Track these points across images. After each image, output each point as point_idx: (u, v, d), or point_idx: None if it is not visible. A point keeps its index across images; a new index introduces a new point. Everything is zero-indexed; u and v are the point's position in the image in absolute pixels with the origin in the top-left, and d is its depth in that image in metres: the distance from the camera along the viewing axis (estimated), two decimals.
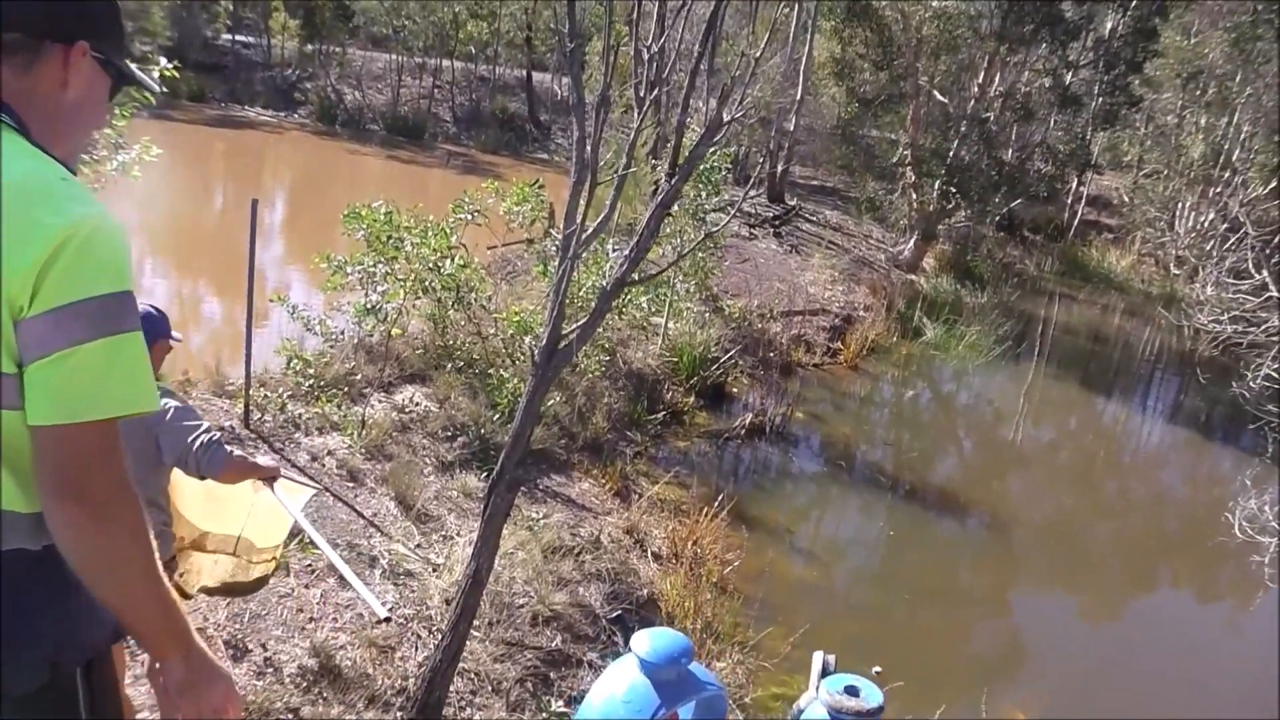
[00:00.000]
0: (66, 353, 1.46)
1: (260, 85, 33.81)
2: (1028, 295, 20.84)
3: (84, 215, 1.49)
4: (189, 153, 23.13)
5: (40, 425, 1.47)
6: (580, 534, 7.11)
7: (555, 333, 4.31)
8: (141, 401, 1.54)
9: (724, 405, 11.30)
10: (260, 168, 25.14)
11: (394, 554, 6.08)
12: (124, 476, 1.54)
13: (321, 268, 8.23)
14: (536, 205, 9.43)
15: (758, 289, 14.64)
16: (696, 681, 3.44)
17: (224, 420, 7.11)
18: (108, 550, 1.51)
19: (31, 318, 1.45)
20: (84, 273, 1.47)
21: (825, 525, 9.80)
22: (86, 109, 1.68)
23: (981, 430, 13.44)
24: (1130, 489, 12.32)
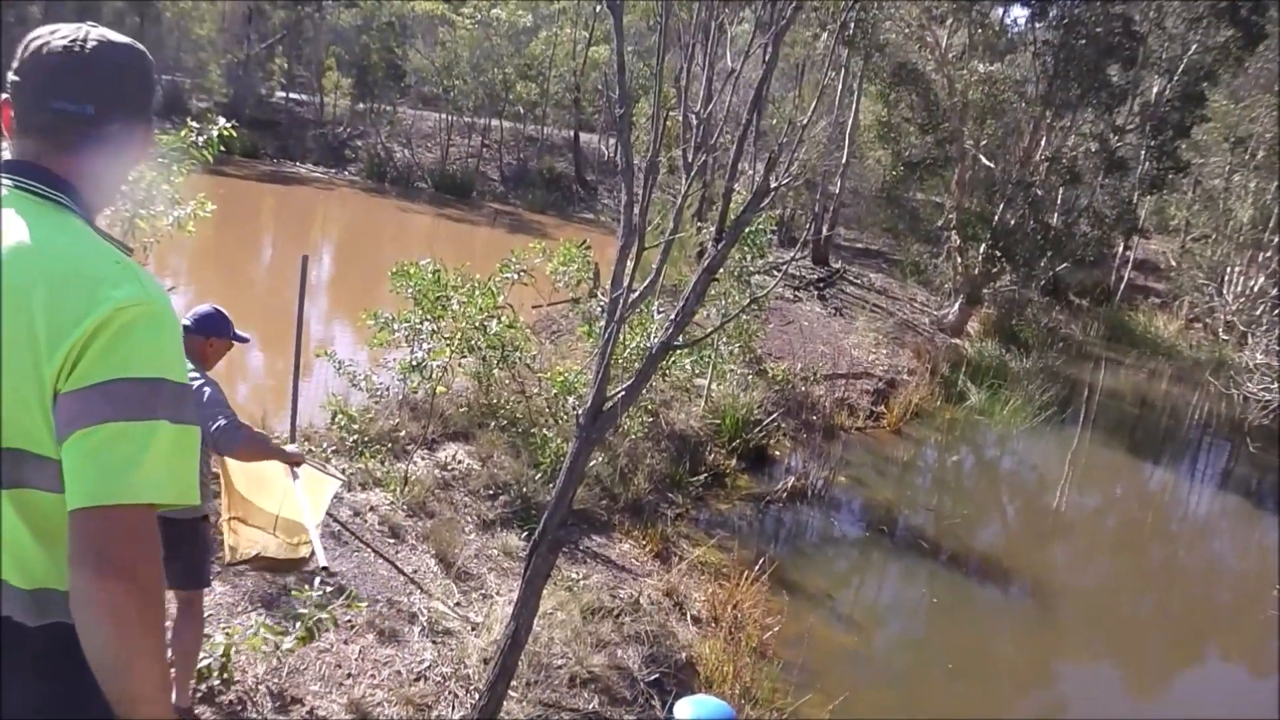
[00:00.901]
0: (91, 430, 1.47)
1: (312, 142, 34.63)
2: (1073, 360, 20.64)
3: (130, 298, 1.52)
4: (241, 208, 23.69)
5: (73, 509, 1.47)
6: (620, 595, 7.08)
7: (600, 395, 4.34)
8: (172, 493, 1.52)
9: (766, 468, 11.26)
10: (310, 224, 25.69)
11: (433, 611, 6.09)
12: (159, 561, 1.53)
13: (368, 324, 8.37)
14: (582, 265, 9.55)
15: (801, 352, 14.65)
16: None
17: None
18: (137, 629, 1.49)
19: (65, 394, 1.49)
20: (119, 354, 1.50)
21: (866, 591, 9.69)
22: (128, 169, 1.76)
23: (1025, 496, 13.26)
24: (1178, 558, 12.07)
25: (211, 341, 4.21)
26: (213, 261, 17.16)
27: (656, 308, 10.24)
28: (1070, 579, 10.37)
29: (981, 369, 16.42)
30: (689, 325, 7.71)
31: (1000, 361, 17.51)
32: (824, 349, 15.47)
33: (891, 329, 17.75)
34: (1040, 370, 17.30)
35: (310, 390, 8.44)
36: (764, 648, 7.10)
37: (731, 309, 11.19)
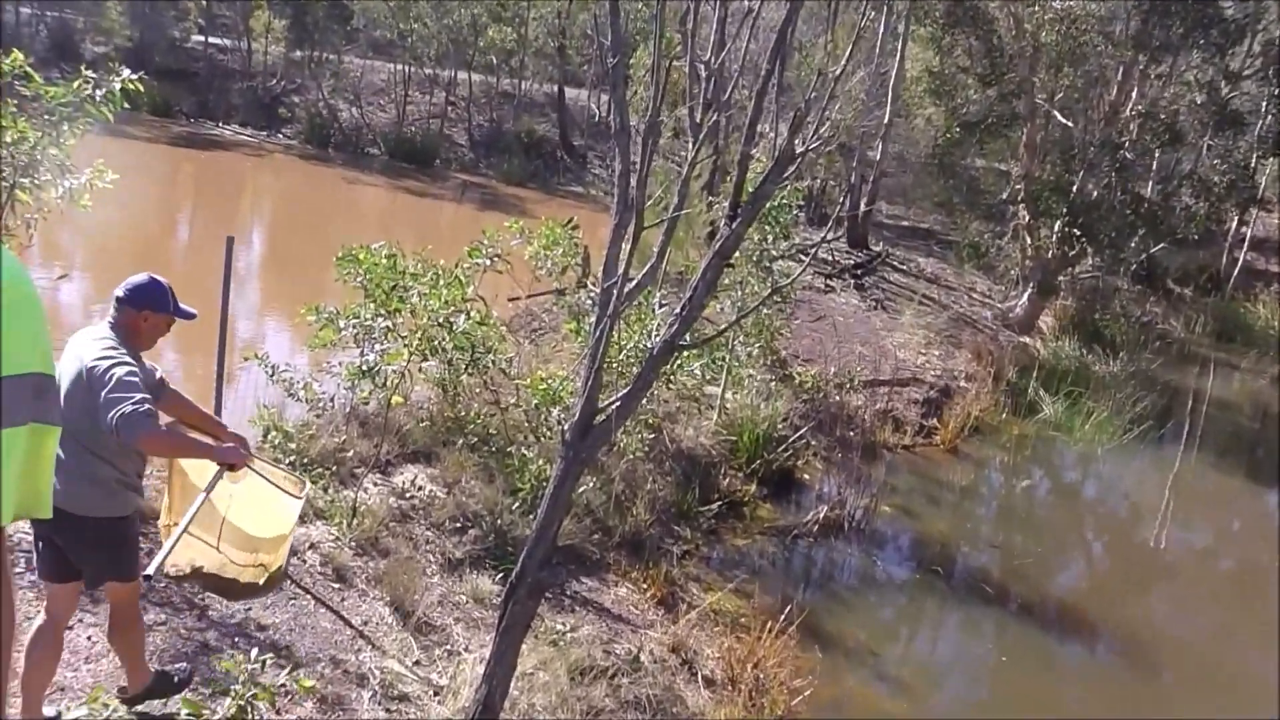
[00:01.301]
0: None
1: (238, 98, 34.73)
2: (1173, 363, 20.64)
3: None
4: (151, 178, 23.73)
5: None
6: (615, 651, 7.08)
7: (590, 406, 4.36)
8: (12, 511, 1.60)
9: (793, 495, 11.26)
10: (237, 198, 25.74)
11: (387, 672, 6.10)
12: None
13: (309, 321, 8.38)
14: (569, 249, 9.57)
15: (835, 353, 14.67)
16: None
17: None
18: None
19: None
20: None
21: (917, 646, 9.69)
22: None
23: (1114, 531, 13.27)
24: None
25: (146, 315, 4.44)
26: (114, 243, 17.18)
27: (658, 300, 10.27)
28: (1172, 632, 10.36)
29: (1057, 374, 16.43)
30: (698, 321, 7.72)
31: (1080, 365, 17.52)
32: (863, 349, 15.49)
33: (945, 325, 17.78)
34: (1131, 375, 17.31)
35: (237, 401, 8.46)
36: (792, 715, 7.10)
37: (749, 301, 11.21)
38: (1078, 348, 18.35)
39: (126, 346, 4.40)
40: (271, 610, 6.34)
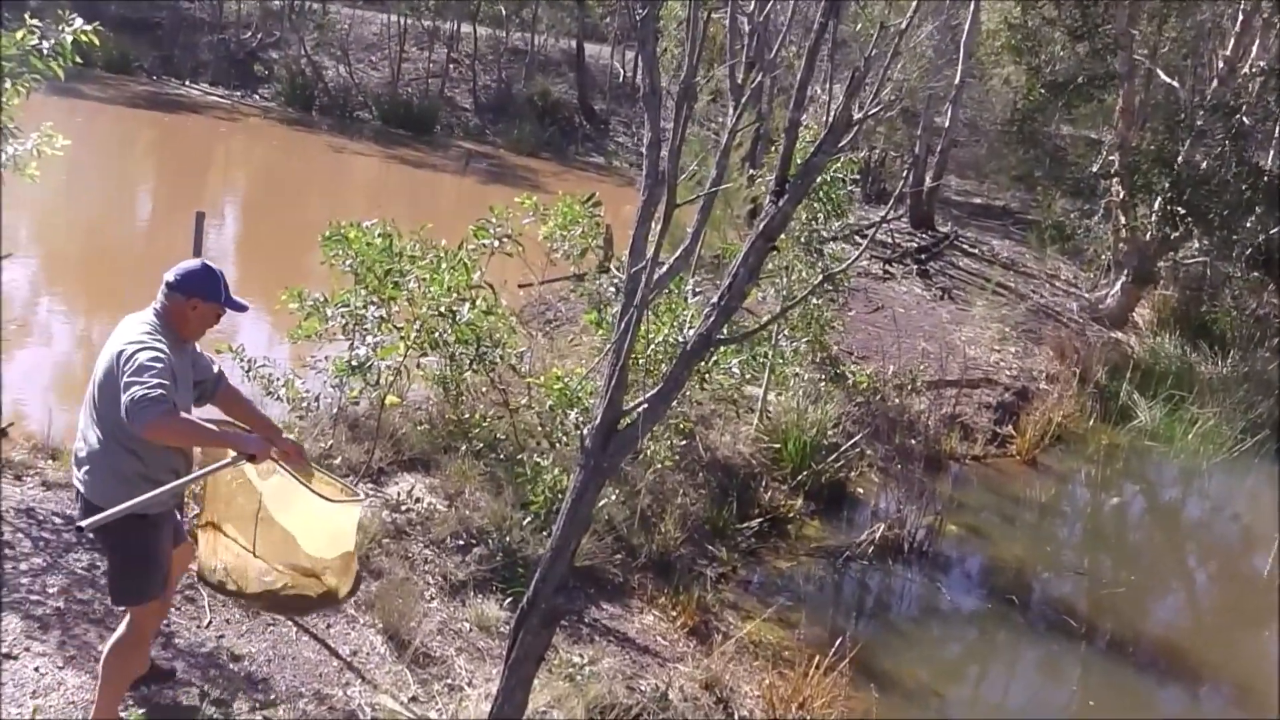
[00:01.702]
0: None
1: (207, 53, 34.89)
2: None
3: None
4: (108, 144, 23.90)
5: None
6: (640, 688, 7.14)
7: (614, 408, 4.42)
8: None
9: (844, 511, 11.30)
10: (207, 167, 25.87)
11: (379, 709, 6.18)
12: None
13: (290, 308, 8.47)
14: (590, 229, 9.63)
15: (895, 349, 14.70)
16: None
17: None
18: None
19: None
20: None
21: (989, 687, 9.71)
22: None
23: (1221, 558, 13.24)
24: None
25: (195, 304, 4.89)
26: (66, 218, 17.32)
27: (692, 288, 10.33)
28: None
29: (1155, 375, 16.39)
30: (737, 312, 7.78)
31: (1183, 365, 17.45)
32: (927, 345, 15.50)
33: (1023, 318, 17.76)
34: (1244, 378, 17.19)
35: None
36: None
37: (797, 289, 11.25)
38: (1180, 345, 18.26)
39: (169, 335, 4.83)
40: (247, 638, 6.45)
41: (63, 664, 5.77)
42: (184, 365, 4.94)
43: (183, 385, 4.90)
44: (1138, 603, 11.21)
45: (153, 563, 5.03)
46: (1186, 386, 16.03)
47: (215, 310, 5.03)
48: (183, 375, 4.91)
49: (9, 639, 5.86)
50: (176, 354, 4.83)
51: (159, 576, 5.09)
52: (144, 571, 5.00)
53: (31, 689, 5.56)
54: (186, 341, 5.03)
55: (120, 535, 4.87)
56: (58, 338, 12.80)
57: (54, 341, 12.67)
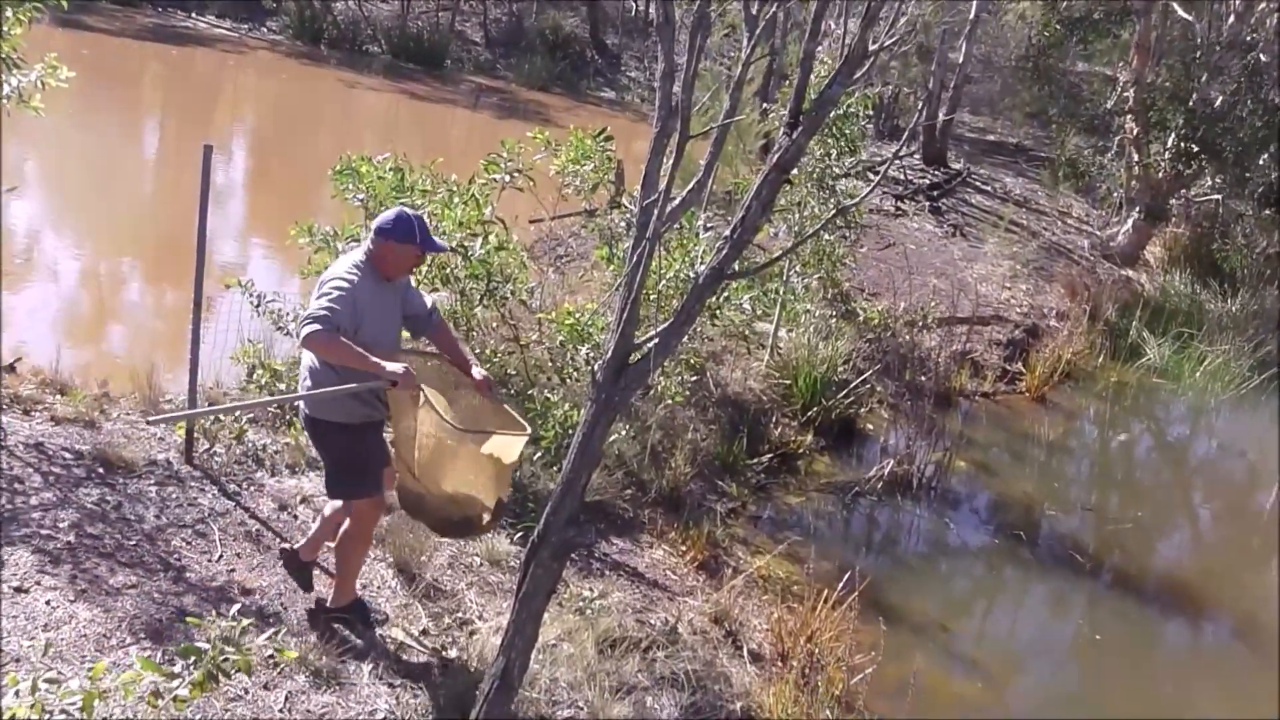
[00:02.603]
0: None
1: None
2: None
3: None
4: (113, 77, 23.72)
5: None
6: (650, 622, 7.17)
7: (625, 342, 4.39)
8: None
9: (854, 447, 11.29)
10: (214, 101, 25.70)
11: (391, 642, 6.21)
12: None
13: (300, 243, 8.42)
14: (602, 164, 9.54)
15: (906, 286, 14.62)
16: None
17: (157, 453, 7.32)
18: None
19: None
20: None
21: (996, 622, 9.74)
22: None
23: (1229, 495, 13.23)
24: None
25: (392, 245, 5.59)
26: (72, 152, 17.24)
27: (704, 223, 10.27)
28: None
29: (1165, 313, 16.32)
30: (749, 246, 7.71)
31: (1193, 302, 17.38)
32: (938, 282, 15.42)
33: (1034, 255, 17.65)
34: (1253, 315, 17.12)
35: (217, 335, 8.49)
36: (850, 697, 7.16)
37: (809, 224, 11.18)
38: (1190, 283, 18.18)
39: (371, 273, 5.62)
40: (258, 572, 6.47)
41: (74, 598, 5.78)
42: (386, 300, 5.73)
43: (380, 317, 5.68)
44: (1144, 539, 11.22)
45: (358, 464, 5.81)
46: (1196, 324, 15.98)
47: (413, 251, 5.70)
48: (381, 309, 5.68)
49: (20, 573, 5.87)
50: (377, 290, 5.63)
51: (367, 478, 5.84)
52: (351, 471, 5.82)
53: (43, 622, 5.57)
54: (391, 280, 5.74)
55: (329, 440, 5.84)
56: (64, 273, 12.73)
57: (60, 277, 12.60)
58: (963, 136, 26.20)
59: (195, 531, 6.66)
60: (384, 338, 5.68)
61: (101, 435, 7.33)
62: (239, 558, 6.54)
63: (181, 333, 7.93)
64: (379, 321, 5.66)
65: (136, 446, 7.30)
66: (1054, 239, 19.52)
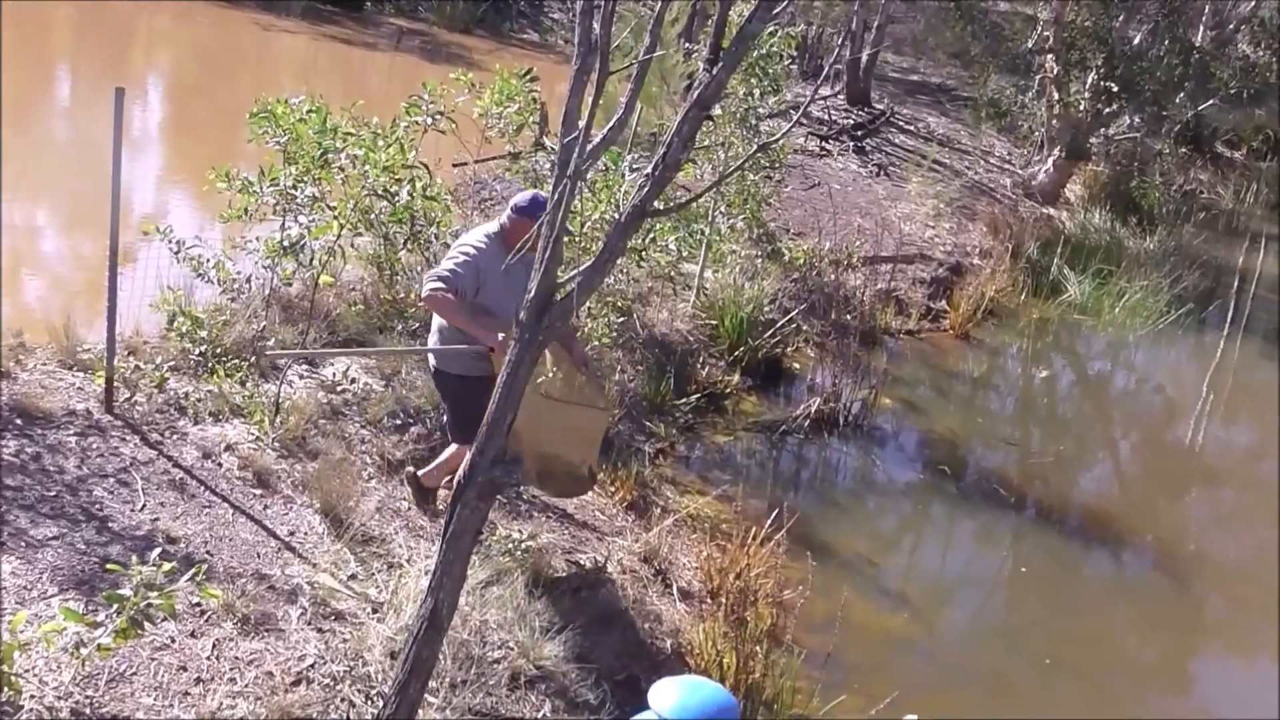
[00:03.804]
0: None
1: None
2: (1220, 237, 20.75)
3: None
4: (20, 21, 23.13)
5: None
6: (580, 561, 7.20)
7: (548, 280, 4.36)
8: None
9: (781, 386, 11.36)
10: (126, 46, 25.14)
11: (319, 588, 6.17)
12: None
13: (219, 188, 8.28)
14: (527, 105, 9.47)
15: (830, 226, 14.66)
16: None
17: (76, 403, 7.21)
18: None
19: None
20: None
21: (923, 556, 9.86)
22: None
23: (1147, 428, 13.46)
24: None
25: (525, 223, 6.05)
26: None
27: (629, 164, 10.22)
28: (1213, 544, 10.56)
29: (1085, 250, 16.50)
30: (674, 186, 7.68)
31: (1112, 239, 17.60)
32: (862, 222, 15.46)
33: (957, 194, 17.75)
34: (1170, 252, 17.39)
35: (135, 284, 8.33)
36: (779, 632, 7.24)
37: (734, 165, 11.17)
38: (1109, 220, 18.42)
39: (501, 246, 6.22)
40: (183, 521, 6.40)
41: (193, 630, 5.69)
42: (516, 270, 5.85)
43: (501, 287, 6.18)
44: (1067, 471, 11.41)
45: (472, 413, 5.84)
46: (1115, 261, 16.19)
47: None
48: (505, 279, 6.05)
49: None
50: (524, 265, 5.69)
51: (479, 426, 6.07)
52: (466, 418, 6.10)
53: None
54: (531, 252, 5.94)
55: (449, 390, 6.67)
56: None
57: None
58: (886, 76, 26.23)
59: (118, 481, 6.56)
60: (504, 306, 6.14)
61: (18, 386, 7.18)
62: (163, 506, 6.46)
63: (99, 282, 7.78)
64: (499, 290, 6.21)
65: (54, 397, 7.17)
66: (977, 178, 19.65)
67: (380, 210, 8.44)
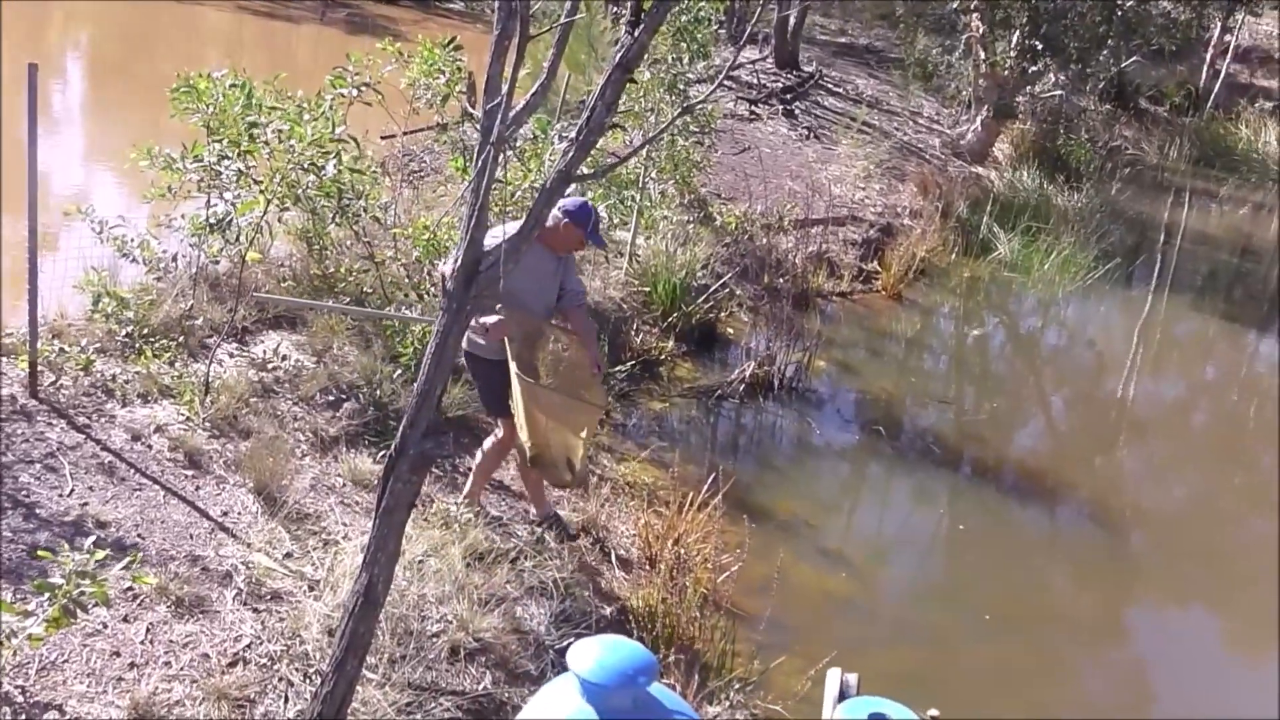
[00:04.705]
0: None
1: None
2: (1145, 192, 20.94)
3: None
4: None
5: None
6: (517, 532, 7.18)
7: (475, 249, 4.31)
8: None
9: (715, 351, 11.35)
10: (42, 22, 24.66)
11: (254, 567, 6.11)
12: None
13: (141, 166, 8.14)
14: (454, 75, 9.36)
15: (762, 190, 14.65)
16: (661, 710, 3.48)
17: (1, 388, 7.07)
18: None
19: None
20: None
21: (861, 517, 9.91)
22: None
23: (1078, 383, 13.58)
24: None
25: (568, 225, 6.67)
26: None
27: (558, 133, 10.15)
28: (1145, 497, 10.69)
29: (1014, 208, 16.58)
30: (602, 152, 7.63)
31: (1040, 197, 17.68)
32: (793, 185, 15.48)
33: (887, 155, 17.78)
34: (1098, 208, 17.55)
35: (58, 266, 8.18)
36: (718, 596, 7.26)
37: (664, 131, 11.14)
38: (1037, 177, 18.50)
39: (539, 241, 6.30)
40: (113, 504, 6.30)
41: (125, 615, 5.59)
42: (543, 267, 6.72)
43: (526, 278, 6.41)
44: (1001, 428, 11.50)
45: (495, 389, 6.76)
46: (1044, 218, 16.31)
47: (579, 236, 6.75)
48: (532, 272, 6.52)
49: None
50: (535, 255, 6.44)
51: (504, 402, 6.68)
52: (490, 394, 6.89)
53: None
54: (556, 251, 6.79)
55: (473, 368, 7.00)
56: None
57: None
58: (815, 39, 26.21)
59: (45, 467, 6.44)
60: (528, 297, 6.66)
61: None
62: (92, 491, 6.35)
63: (20, 265, 7.62)
64: (524, 281, 6.39)
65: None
66: (906, 139, 19.70)
67: (308, 185, 8.32)
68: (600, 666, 3.32)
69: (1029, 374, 13.80)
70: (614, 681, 3.31)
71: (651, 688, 3.44)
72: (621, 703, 3.35)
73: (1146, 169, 22.39)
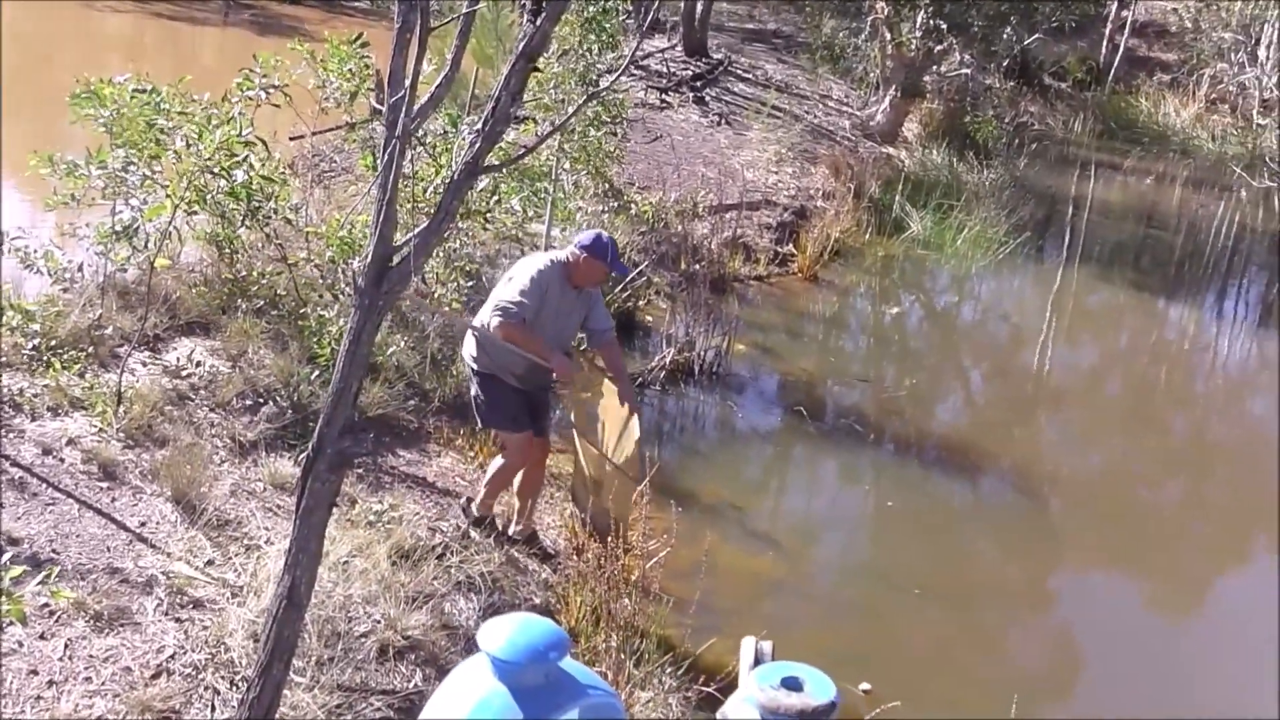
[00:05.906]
0: None
1: None
2: (1052, 166, 21.21)
3: None
4: None
5: None
6: (443, 529, 7.14)
7: (385, 244, 4.28)
8: None
9: (636, 339, 11.34)
10: None
11: (175, 577, 6.01)
12: None
13: (41, 173, 7.99)
14: (361, 73, 9.27)
15: (676, 177, 14.66)
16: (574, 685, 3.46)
17: None
18: None
19: None
20: None
21: (787, 497, 9.95)
22: None
23: (994, 356, 13.73)
24: (1209, 429, 12.64)
25: (587, 259, 6.79)
26: None
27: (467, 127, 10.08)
28: (1064, 464, 10.83)
29: (925, 186, 16.74)
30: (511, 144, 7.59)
31: (950, 174, 17.87)
32: (706, 171, 15.49)
33: (798, 139, 17.85)
34: (1006, 183, 17.74)
35: None
36: (646, 582, 7.24)
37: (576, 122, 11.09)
38: (947, 155, 18.68)
39: (560, 275, 6.82)
40: (25, 521, 6.15)
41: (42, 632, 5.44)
42: (567, 300, 6.87)
43: (558, 313, 6.83)
44: (921, 404, 11.58)
45: (495, 406, 7.02)
46: (955, 195, 16.45)
47: (601, 268, 6.85)
48: (561, 306, 6.83)
49: None
50: (562, 291, 6.81)
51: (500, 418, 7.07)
52: (489, 407, 7.06)
53: None
54: (577, 287, 6.90)
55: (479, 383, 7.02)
56: None
57: None
58: (723, 26, 26.23)
59: None
60: (554, 332, 6.84)
61: None
62: (3, 508, 6.21)
63: None
64: (552, 317, 6.77)
65: None
66: (816, 122, 19.80)
67: (216, 189, 8.20)
68: (511, 644, 3.28)
69: (947, 349, 13.92)
70: (525, 658, 3.29)
71: (563, 663, 3.42)
72: (534, 679, 3.33)
73: (1053, 144, 22.67)
